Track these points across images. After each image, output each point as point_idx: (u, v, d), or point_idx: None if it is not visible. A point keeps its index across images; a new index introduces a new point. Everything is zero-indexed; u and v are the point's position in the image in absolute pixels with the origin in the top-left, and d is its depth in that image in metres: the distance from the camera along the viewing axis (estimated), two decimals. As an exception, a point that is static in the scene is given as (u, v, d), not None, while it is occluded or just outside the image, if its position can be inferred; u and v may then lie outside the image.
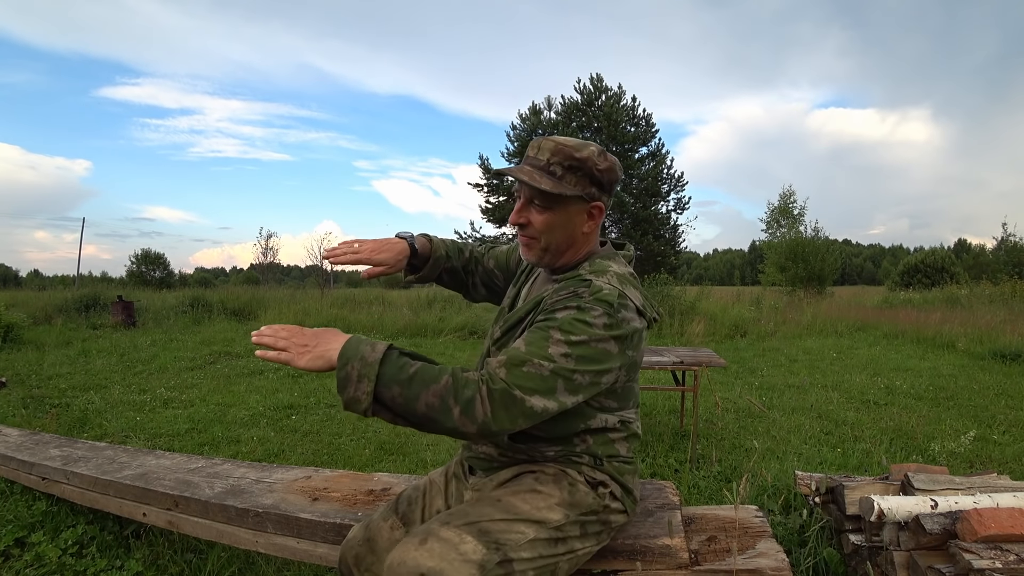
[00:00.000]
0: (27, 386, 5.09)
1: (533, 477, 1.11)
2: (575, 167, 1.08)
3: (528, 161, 1.10)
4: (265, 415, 4.21)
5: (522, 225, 1.12)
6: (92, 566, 1.84)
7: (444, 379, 0.93)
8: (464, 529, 0.97)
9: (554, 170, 1.07)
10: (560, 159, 1.08)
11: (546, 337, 0.97)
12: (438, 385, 0.93)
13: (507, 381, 0.93)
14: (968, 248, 39.22)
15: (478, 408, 0.92)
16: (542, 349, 0.96)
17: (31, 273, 46.03)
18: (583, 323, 0.98)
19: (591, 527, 1.11)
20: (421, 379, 0.93)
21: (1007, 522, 1.39)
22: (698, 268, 76.05)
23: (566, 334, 0.97)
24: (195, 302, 11.84)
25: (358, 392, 0.92)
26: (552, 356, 0.95)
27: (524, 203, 1.12)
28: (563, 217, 1.10)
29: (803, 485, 1.87)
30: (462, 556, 0.92)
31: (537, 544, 1.01)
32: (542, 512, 1.04)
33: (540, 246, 1.13)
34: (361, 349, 0.95)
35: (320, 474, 1.73)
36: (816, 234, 21.74)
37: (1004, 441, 3.46)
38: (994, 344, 7.11)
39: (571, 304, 1.01)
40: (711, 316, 10.17)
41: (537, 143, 1.11)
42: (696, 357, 3.34)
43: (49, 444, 2.18)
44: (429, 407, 0.92)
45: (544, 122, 18.24)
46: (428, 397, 0.92)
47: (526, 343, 0.98)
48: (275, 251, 24.53)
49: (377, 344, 0.96)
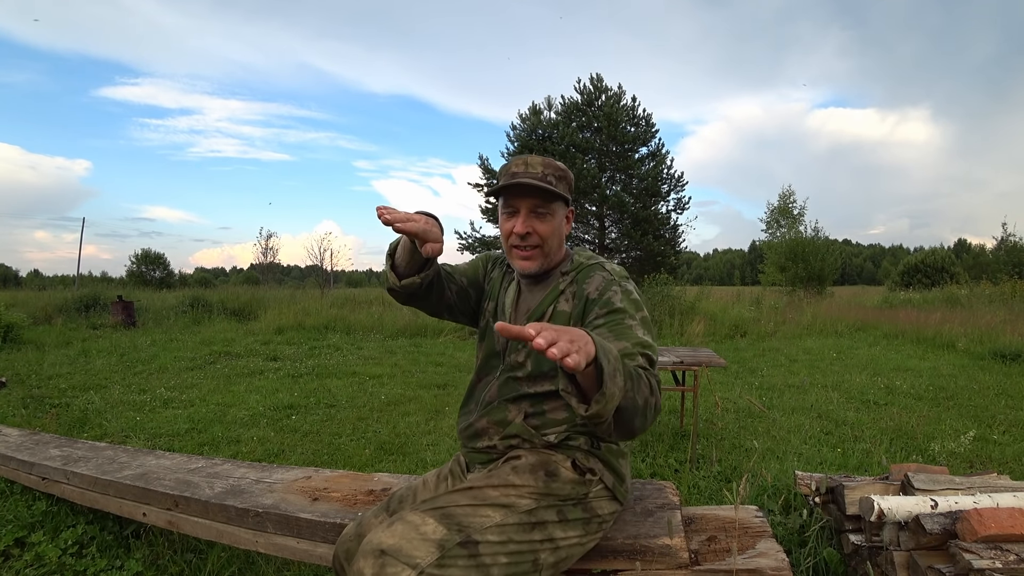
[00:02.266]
0: (27, 386, 5.09)
1: (511, 467, 1.15)
2: (562, 176, 1.23)
3: (520, 176, 1.19)
4: (265, 415, 4.21)
5: (526, 235, 1.20)
6: (92, 566, 1.84)
7: (641, 373, 0.96)
8: (428, 513, 1.02)
9: (550, 180, 1.20)
10: (552, 171, 1.21)
11: (629, 327, 1.09)
12: (643, 379, 0.95)
13: (652, 370, 1.01)
14: (968, 248, 39.22)
15: (659, 396, 0.97)
16: (637, 338, 1.06)
17: (31, 273, 46.06)
18: (633, 302, 1.16)
19: (572, 513, 1.11)
20: (635, 372, 0.94)
21: (1007, 522, 1.39)
22: (698, 268, 76.06)
23: (634, 317, 1.12)
24: (195, 302, 11.85)
25: (614, 387, 0.84)
26: (647, 341, 1.07)
27: (527, 214, 1.20)
28: (558, 222, 1.23)
29: (803, 485, 1.87)
30: (421, 535, 0.96)
31: (507, 528, 1.02)
32: (510, 498, 1.07)
33: (542, 253, 1.22)
34: (605, 343, 0.86)
35: (320, 474, 1.73)
36: (816, 234, 21.73)
37: (1004, 441, 3.46)
38: (994, 344, 7.11)
39: (615, 289, 1.17)
40: (711, 316, 10.17)
41: (523, 160, 1.21)
42: (696, 357, 3.34)
43: (49, 444, 2.18)
44: (645, 401, 0.93)
45: (544, 122, 18.22)
46: (644, 391, 0.93)
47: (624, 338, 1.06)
48: (275, 251, 24.50)
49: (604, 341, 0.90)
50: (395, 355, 7.31)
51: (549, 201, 1.20)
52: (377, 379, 5.67)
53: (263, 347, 7.78)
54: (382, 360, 6.88)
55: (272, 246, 24.28)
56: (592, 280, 1.20)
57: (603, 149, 17.91)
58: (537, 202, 1.19)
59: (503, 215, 1.23)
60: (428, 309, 1.30)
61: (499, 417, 1.22)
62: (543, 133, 18.01)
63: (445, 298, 1.29)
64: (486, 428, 1.24)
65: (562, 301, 1.22)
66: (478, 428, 1.25)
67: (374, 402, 4.63)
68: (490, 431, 1.23)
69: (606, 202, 17.23)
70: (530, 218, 1.20)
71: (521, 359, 1.22)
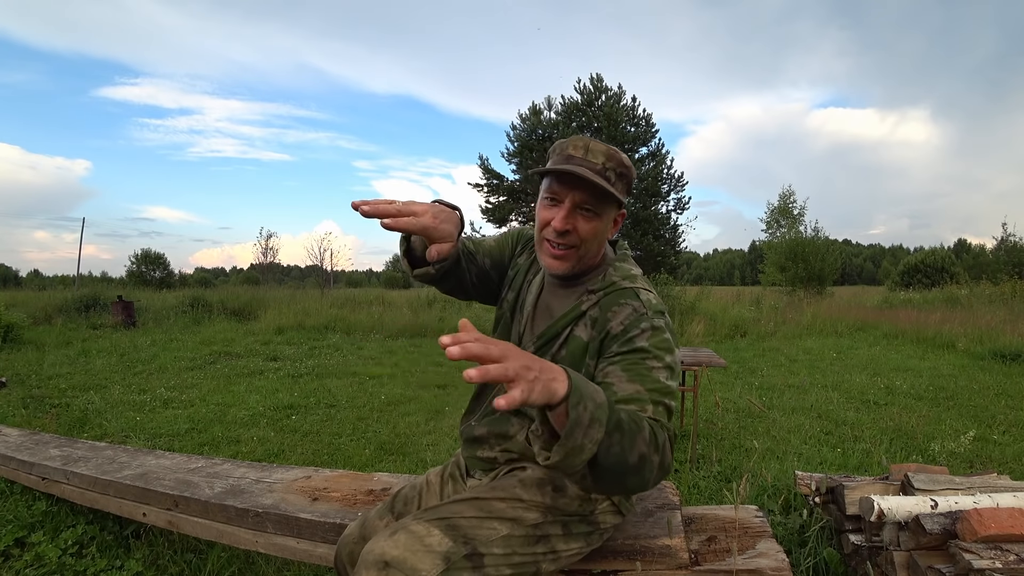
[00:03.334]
0: (27, 386, 5.09)
1: (518, 479, 1.10)
2: (623, 175, 1.04)
3: (575, 162, 1.01)
4: (265, 415, 4.21)
5: (565, 232, 1.03)
6: (92, 566, 1.84)
7: (645, 424, 0.84)
8: (434, 523, 0.97)
9: (609, 175, 1.02)
10: (614, 165, 1.03)
11: (650, 369, 0.95)
12: (644, 432, 0.82)
13: (667, 426, 0.89)
14: (968, 248, 39.26)
15: (668, 454, 0.86)
16: (656, 382, 0.93)
17: (31, 273, 46.13)
18: (663, 342, 0.99)
19: (576, 527, 1.09)
20: (631, 422, 0.81)
21: (1007, 522, 1.39)
22: (698, 268, 76.09)
23: (660, 359, 0.96)
24: (195, 302, 11.85)
25: (585, 439, 0.73)
26: (667, 386, 0.94)
27: (571, 208, 1.02)
28: (604, 225, 1.06)
29: (803, 485, 1.87)
30: (427, 547, 0.93)
31: (512, 540, 1.00)
32: (517, 511, 1.04)
33: (577, 255, 1.06)
34: (588, 388, 0.76)
35: (320, 474, 1.73)
36: (816, 234, 21.72)
37: (1004, 441, 3.46)
38: (994, 344, 7.11)
39: (643, 326, 1.00)
40: (711, 316, 10.17)
41: (583, 144, 1.03)
42: (696, 357, 3.34)
43: (49, 444, 2.18)
44: (641, 458, 0.80)
45: (544, 122, 18.23)
46: (640, 447, 0.80)
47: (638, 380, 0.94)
48: (275, 251, 24.53)
49: (590, 383, 0.79)
50: (395, 355, 7.31)
51: (601, 200, 1.02)
52: (377, 379, 5.67)
53: (263, 347, 7.78)
54: (382, 360, 6.89)
55: (272, 246, 24.36)
56: (619, 311, 1.03)
57: (603, 149, 17.89)
58: (587, 198, 1.01)
59: (543, 201, 1.05)
60: (445, 290, 1.18)
61: (501, 429, 1.14)
62: (543, 133, 18.01)
63: (464, 283, 1.16)
64: (486, 437, 1.17)
65: (580, 326, 1.07)
66: (478, 435, 1.18)
67: (374, 402, 4.63)
68: (491, 441, 1.16)
69: (606, 202, 17.22)
70: (573, 214, 1.02)
71: None
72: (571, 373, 0.75)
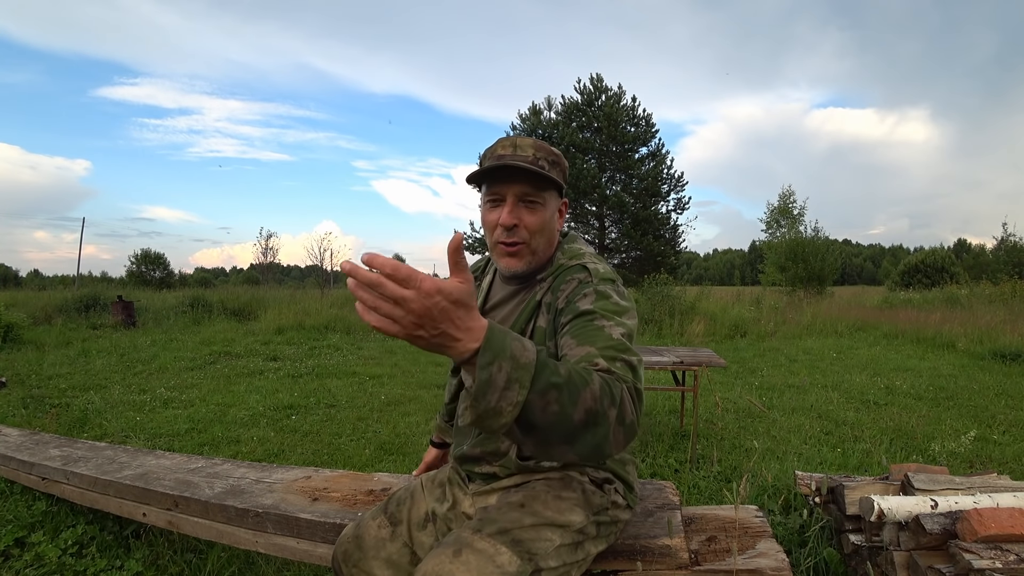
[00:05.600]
0: (27, 386, 5.09)
1: (545, 483, 1.09)
2: (555, 162, 1.07)
3: (507, 159, 1.03)
4: (265, 415, 4.21)
5: (512, 228, 1.04)
6: (92, 566, 1.84)
7: (595, 378, 0.75)
8: (498, 539, 0.94)
9: (542, 164, 1.04)
10: (544, 154, 1.05)
11: (599, 328, 0.91)
12: (593, 386, 0.73)
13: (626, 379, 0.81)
14: (968, 248, 39.25)
15: (627, 410, 0.77)
16: (609, 339, 0.88)
17: (31, 273, 46.16)
18: (610, 304, 0.97)
19: (604, 528, 1.10)
20: (574, 378, 0.72)
21: (1007, 522, 1.39)
22: (698, 268, 76.13)
23: (610, 318, 0.93)
24: (195, 302, 11.84)
25: (502, 402, 0.67)
26: (622, 342, 0.89)
27: (514, 203, 1.04)
28: (549, 214, 1.08)
29: (803, 485, 1.87)
30: (499, 568, 0.89)
31: (562, 551, 1.00)
32: (565, 515, 1.02)
33: (529, 249, 1.07)
34: (510, 346, 0.68)
35: (320, 474, 1.73)
36: (816, 234, 21.73)
37: (1004, 441, 3.46)
38: (994, 344, 7.11)
39: (586, 291, 0.99)
40: (711, 316, 10.17)
41: (511, 142, 1.05)
42: (696, 357, 3.34)
43: (49, 444, 2.18)
44: (590, 412, 0.72)
45: (544, 122, 18.22)
46: (587, 401, 0.72)
47: (589, 342, 0.88)
48: (275, 251, 24.49)
49: (524, 340, 0.72)
50: (395, 355, 7.31)
51: (541, 189, 1.04)
52: (377, 379, 5.67)
53: (263, 347, 7.78)
54: (382, 360, 6.88)
55: (272, 246, 24.28)
56: (566, 287, 1.03)
57: (603, 149, 17.90)
58: (527, 189, 1.03)
59: (486, 205, 1.07)
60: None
61: (492, 448, 1.13)
62: (543, 133, 17.99)
63: None
64: (480, 456, 1.15)
65: (540, 316, 1.07)
66: (471, 455, 1.16)
67: (374, 402, 4.63)
68: (487, 458, 1.15)
69: (606, 202, 17.23)
70: (518, 208, 1.04)
71: None
72: (494, 333, 0.68)
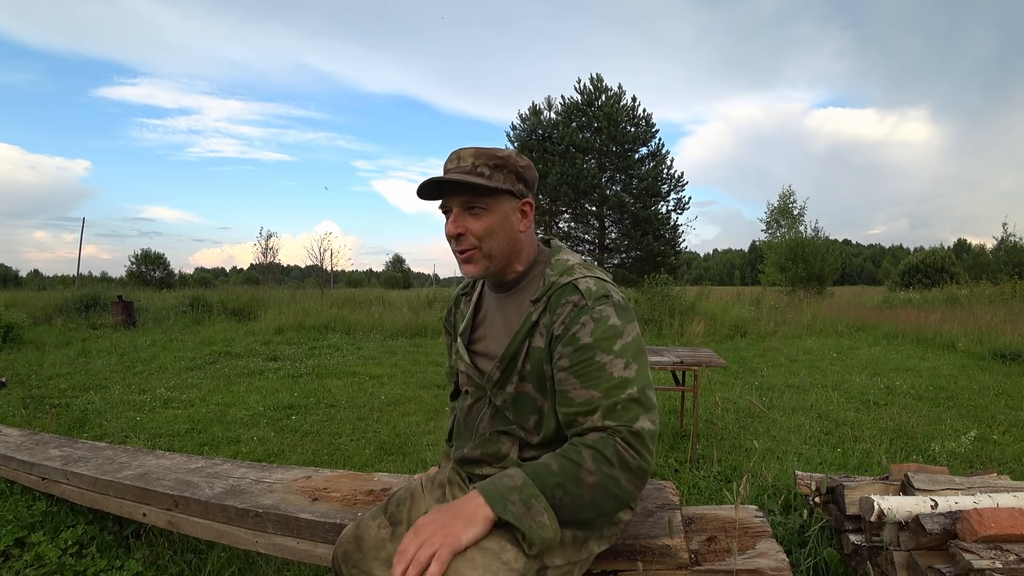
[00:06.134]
0: (27, 386, 5.09)
1: None
2: (500, 165, 1.08)
3: (449, 173, 1.07)
4: (265, 415, 4.21)
5: (459, 236, 1.08)
6: (92, 566, 1.84)
7: (585, 453, 0.90)
8: (503, 536, 0.94)
9: (481, 171, 1.07)
10: (484, 160, 1.07)
11: (601, 366, 0.97)
12: (586, 463, 0.88)
13: (623, 425, 0.93)
14: (968, 248, 39.28)
15: (629, 458, 0.90)
16: (611, 380, 0.97)
17: (31, 273, 46.18)
18: (608, 330, 1.00)
19: (607, 529, 1.11)
20: (567, 466, 0.88)
21: (1007, 522, 1.39)
22: (698, 268, 76.14)
23: (610, 351, 0.98)
24: (195, 302, 11.85)
25: (539, 517, 0.85)
26: (624, 379, 0.97)
27: (458, 212, 1.08)
28: (500, 218, 1.09)
29: (803, 485, 1.87)
30: (506, 565, 0.90)
31: (566, 550, 1.00)
32: None
33: (482, 254, 1.09)
34: (501, 485, 0.88)
35: (320, 474, 1.73)
36: (816, 234, 21.74)
37: (1004, 441, 3.46)
38: (994, 344, 7.11)
39: (583, 320, 1.02)
40: (711, 316, 10.17)
41: (456, 155, 1.09)
42: (696, 357, 3.34)
43: (49, 444, 2.18)
44: (597, 485, 0.87)
45: (544, 122, 18.22)
46: (587, 477, 0.87)
47: (592, 385, 0.97)
48: (275, 251, 24.47)
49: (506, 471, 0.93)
50: (395, 355, 7.31)
51: (483, 195, 1.07)
52: (377, 379, 5.67)
53: (263, 347, 7.78)
54: (382, 360, 6.88)
55: (272, 246, 24.27)
56: (561, 311, 1.05)
57: (603, 149, 17.90)
58: (467, 198, 1.07)
59: (446, 220, 1.12)
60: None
61: (492, 450, 1.14)
62: (543, 133, 18.00)
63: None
64: (481, 459, 1.16)
65: (536, 336, 1.09)
66: (471, 458, 1.17)
67: (374, 402, 4.63)
68: (487, 460, 1.16)
69: (606, 202, 17.23)
70: (462, 217, 1.08)
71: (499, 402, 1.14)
72: (486, 488, 0.85)
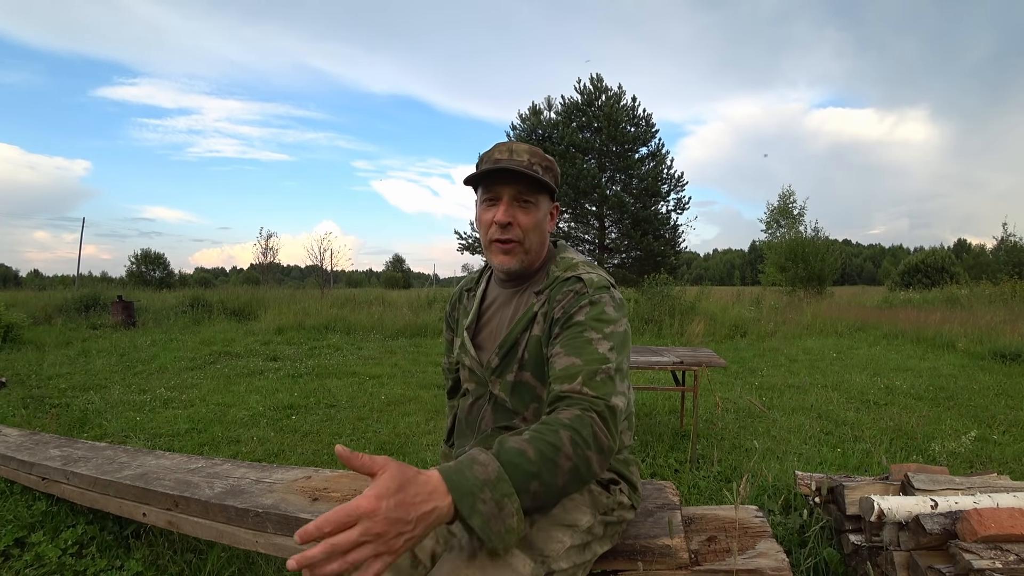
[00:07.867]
0: (27, 386, 5.09)
1: None
2: (548, 167, 1.14)
3: (504, 163, 1.09)
4: (265, 415, 4.21)
5: (507, 225, 1.10)
6: (92, 566, 1.84)
7: (563, 435, 0.85)
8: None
9: (536, 170, 1.10)
10: (538, 160, 1.12)
11: (588, 340, 0.99)
12: (565, 447, 0.84)
13: (599, 396, 0.93)
14: (968, 248, 39.26)
15: (603, 439, 0.89)
16: (594, 353, 0.98)
17: (31, 273, 46.21)
18: (601, 314, 1.03)
19: (611, 528, 1.11)
20: (545, 451, 0.82)
21: (1007, 522, 1.39)
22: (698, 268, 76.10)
23: (600, 331, 1.01)
24: (195, 302, 11.86)
25: (508, 521, 0.76)
26: (606, 356, 0.98)
27: (508, 203, 1.10)
28: (541, 215, 1.14)
29: (803, 485, 1.87)
30: (515, 572, 0.89)
31: (572, 552, 1.00)
32: (573, 516, 1.03)
33: (523, 248, 1.13)
34: (471, 475, 0.76)
35: (320, 474, 1.73)
36: (816, 234, 21.73)
37: (1004, 441, 3.45)
38: (994, 344, 7.10)
39: (581, 303, 1.05)
40: (711, 316, 10.17)
41: (507, 147, 1.11)
42: (696, 357, 3.34)
43: (49, 444, 2.18)
44: (571, 472, 0.84)
45: (544, 122, 18.22)
46: (564, 463, 0.83)
47: (575, 354, 0.98)
48: (275, 251, 24.48)
49: (476, 456, 0.80)
50: (395, 355, 7.31)
51: (534, 191, 1.11)
52: (377, 379, 5.67)
53: (263, 347, 7.78)
54: (382, 360, 6.88)
55: (272, 246, 24.28)
56: (563, 299, 1.08)
57: (603, 149, 17.89)
58: (521, 190, 1.09)
59: (482, 205, 1.14)
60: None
61: None
62: (543, 133, 17.99)
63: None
64: None
65: (536, 327, 1.11)
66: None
67: (374, 402, 4.63)
68: None
69: (606, 202, 17.22)
70: (512, 207, 1.10)
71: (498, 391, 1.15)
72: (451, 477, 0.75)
